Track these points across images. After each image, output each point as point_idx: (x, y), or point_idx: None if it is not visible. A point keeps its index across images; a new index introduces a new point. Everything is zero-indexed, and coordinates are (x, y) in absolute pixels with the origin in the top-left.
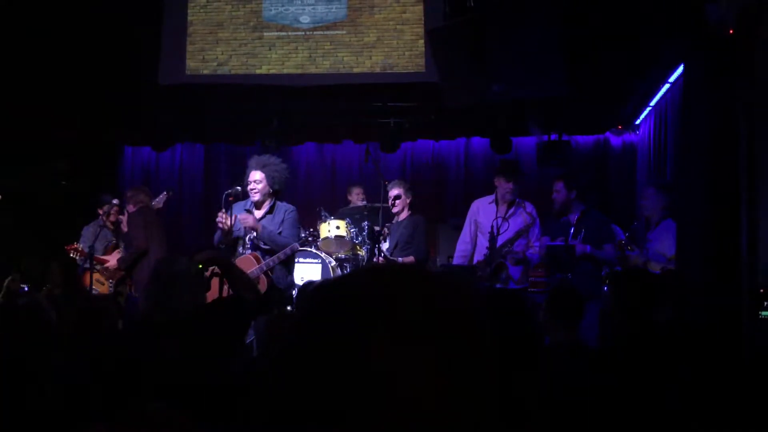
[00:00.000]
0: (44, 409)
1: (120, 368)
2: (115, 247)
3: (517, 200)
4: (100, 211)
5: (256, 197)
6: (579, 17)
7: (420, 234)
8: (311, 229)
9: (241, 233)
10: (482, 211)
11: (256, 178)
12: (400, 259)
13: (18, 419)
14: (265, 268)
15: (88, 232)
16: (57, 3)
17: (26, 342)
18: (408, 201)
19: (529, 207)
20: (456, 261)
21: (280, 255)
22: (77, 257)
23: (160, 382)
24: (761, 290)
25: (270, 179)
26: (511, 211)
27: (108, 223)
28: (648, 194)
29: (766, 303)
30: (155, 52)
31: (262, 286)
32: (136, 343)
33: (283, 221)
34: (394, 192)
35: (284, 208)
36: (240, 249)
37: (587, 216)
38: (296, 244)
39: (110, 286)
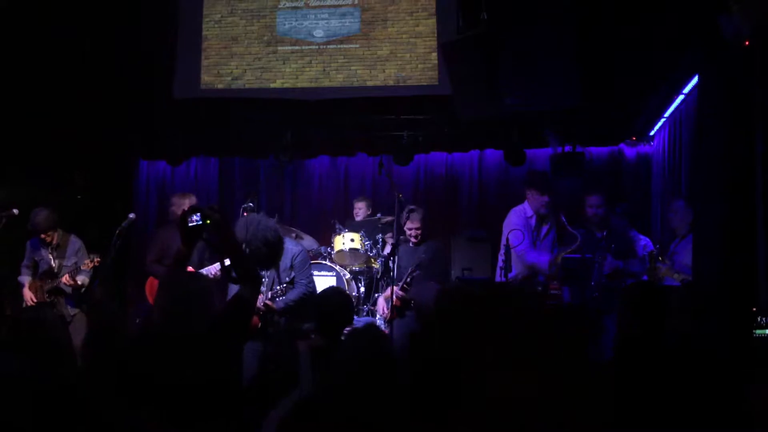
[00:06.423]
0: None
1: (133, 380)
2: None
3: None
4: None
5: None
6: (593, 29)
7: (440, 260)
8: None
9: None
10: (523, 226)
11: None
12: None
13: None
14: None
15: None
16: (72, 18)
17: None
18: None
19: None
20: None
21: (282, 302)
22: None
23: (172, 394)
24: (753, 308)
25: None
26: (547, 227)
27: (48, 238)
28: (677, 207)
29: (759, 319)
30: (170, 67)
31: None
32: (149, 355)
33: (291, 267)
34: (415, 224)
35: (290, 252)
36: None
37: (614, 230)
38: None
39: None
